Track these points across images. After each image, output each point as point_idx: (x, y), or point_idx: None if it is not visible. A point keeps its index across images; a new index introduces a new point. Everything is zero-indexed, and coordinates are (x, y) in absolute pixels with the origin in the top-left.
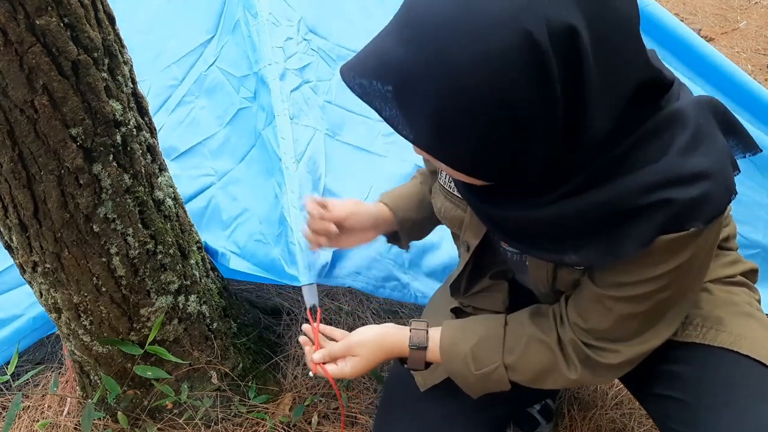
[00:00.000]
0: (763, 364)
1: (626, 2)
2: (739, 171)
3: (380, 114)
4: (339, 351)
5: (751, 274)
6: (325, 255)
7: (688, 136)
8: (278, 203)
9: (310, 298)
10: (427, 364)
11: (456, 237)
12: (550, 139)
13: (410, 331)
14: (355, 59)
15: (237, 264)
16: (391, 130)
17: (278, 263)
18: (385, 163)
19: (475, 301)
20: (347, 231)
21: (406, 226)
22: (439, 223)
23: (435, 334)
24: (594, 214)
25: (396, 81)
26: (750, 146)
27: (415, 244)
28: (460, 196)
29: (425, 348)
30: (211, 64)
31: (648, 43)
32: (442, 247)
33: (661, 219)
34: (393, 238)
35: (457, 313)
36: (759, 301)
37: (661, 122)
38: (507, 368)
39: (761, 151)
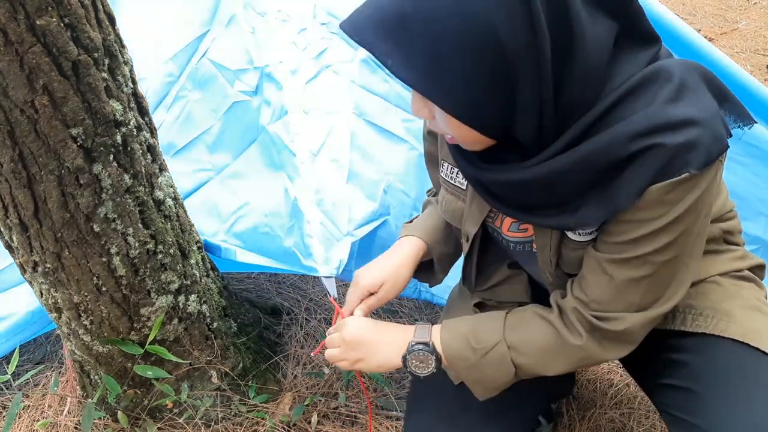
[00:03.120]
0: None
1: None
2: (731, 135)
3: (378, 58)
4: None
5: (758, 270)
6: (343, 249)
7: (673, 88)
8: (288, 196)
9: (330, 288)
10: (438, 363)
11: (459, 232)
12: (540, 71)
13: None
14: (353, 12)
15: (245, 257)
16: (406, 115)
17: (293, 254)
18: (404, 147)
19: (497, 294)
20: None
21: (443, 260)
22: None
23: (438, 325)
24: (586, 167)
25: (390, 27)
26: (743, 116)
27: None
28: (461, 186)
29: (430, 324)
30: (202, 56)
31: None
32: None
33: (653, 165)
34: (423, 275)
35: (480, 307)
36: (766, 297)
37: (646, 76)
38: (509, 347)
39: (755, 122)
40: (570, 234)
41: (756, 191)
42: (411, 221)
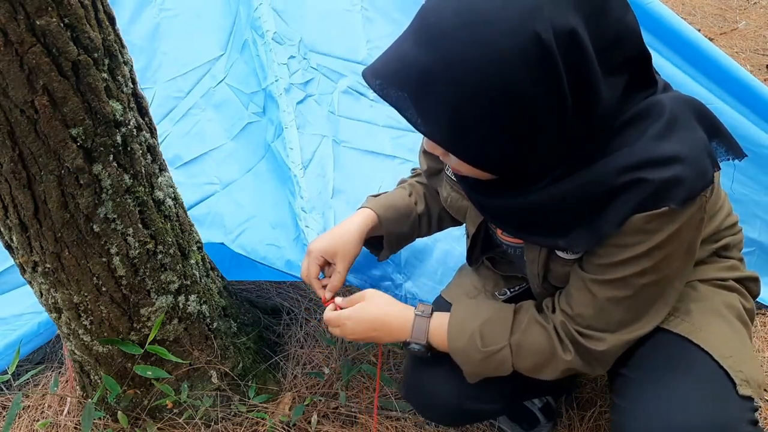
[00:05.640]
0: (710, 356)
1: (620, 6)
2: (719, 168)
3: (399, 111)
4: (353, 297)
5: (750, 282)
6: None
7: (663, 124)
8: (291, 209)
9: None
10: (429, 347)
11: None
12: (559, 127)
13: (417, 303)
14: (375, 63)
15: (240, 248)
16: (398, 132)
17: (296, 265)
18: (393, 163)
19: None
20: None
21: (393, 238)
22: (417, 237)
23: (438, 315)
24: (575, 197)
25: (413, 81)
26: (734, 149)
27: (410, 246)
28: None
29: (429, 316)
30: (221, 81)
31: (650, 41)
32: (437, 249)
33: (636, 198)
34: (371, 245)
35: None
36: (750, 310)
37: (639, 111)
38: (512, 351)
39: (746, 155)
40: (558, 251)
41: (751, 193)
42: (377, 195)
